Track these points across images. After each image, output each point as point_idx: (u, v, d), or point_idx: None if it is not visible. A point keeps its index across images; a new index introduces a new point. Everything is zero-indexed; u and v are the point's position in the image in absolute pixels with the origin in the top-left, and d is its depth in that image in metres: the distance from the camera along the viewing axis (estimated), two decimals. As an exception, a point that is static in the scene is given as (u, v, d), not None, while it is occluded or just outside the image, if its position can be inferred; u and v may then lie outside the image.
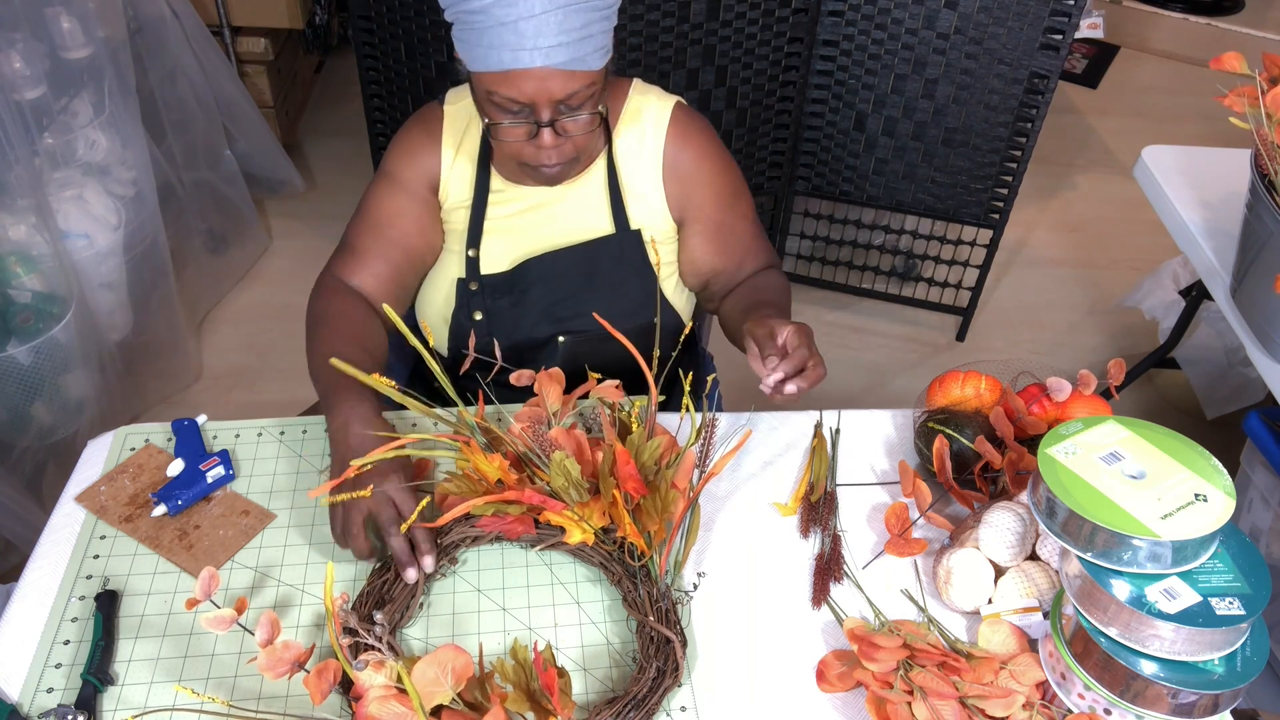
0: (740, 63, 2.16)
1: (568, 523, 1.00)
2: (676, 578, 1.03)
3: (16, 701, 0.92)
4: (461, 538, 1.05)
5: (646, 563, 1.00)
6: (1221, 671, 0.84)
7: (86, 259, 1.98)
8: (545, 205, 1.25)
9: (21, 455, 1.87)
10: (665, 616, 0.96)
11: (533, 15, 0.99)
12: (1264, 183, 1.27)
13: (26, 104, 1.81)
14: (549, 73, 1.03)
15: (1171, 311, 2.31)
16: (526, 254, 1.26)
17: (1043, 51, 2.08)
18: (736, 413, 1.27)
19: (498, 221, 1.26)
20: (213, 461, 1.12)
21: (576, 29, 1.01)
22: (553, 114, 1.07)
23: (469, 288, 1.27)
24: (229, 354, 2.46)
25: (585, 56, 1.03)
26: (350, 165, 3.06)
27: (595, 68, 1.05)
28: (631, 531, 0.98)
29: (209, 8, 2.71)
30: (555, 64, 1.02)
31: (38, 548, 1.07)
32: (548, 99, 1.05)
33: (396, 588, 1.00)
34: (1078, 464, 0.91)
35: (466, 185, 1.25)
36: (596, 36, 1.03)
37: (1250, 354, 1.43)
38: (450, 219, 1.28)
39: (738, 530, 1.11)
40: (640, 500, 0.99)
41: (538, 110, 1.06)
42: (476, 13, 1.01)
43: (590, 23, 1.02)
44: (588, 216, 1.26)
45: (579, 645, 0.99)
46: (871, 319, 2.67)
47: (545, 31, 1.00)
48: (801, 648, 1.00)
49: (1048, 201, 3.13)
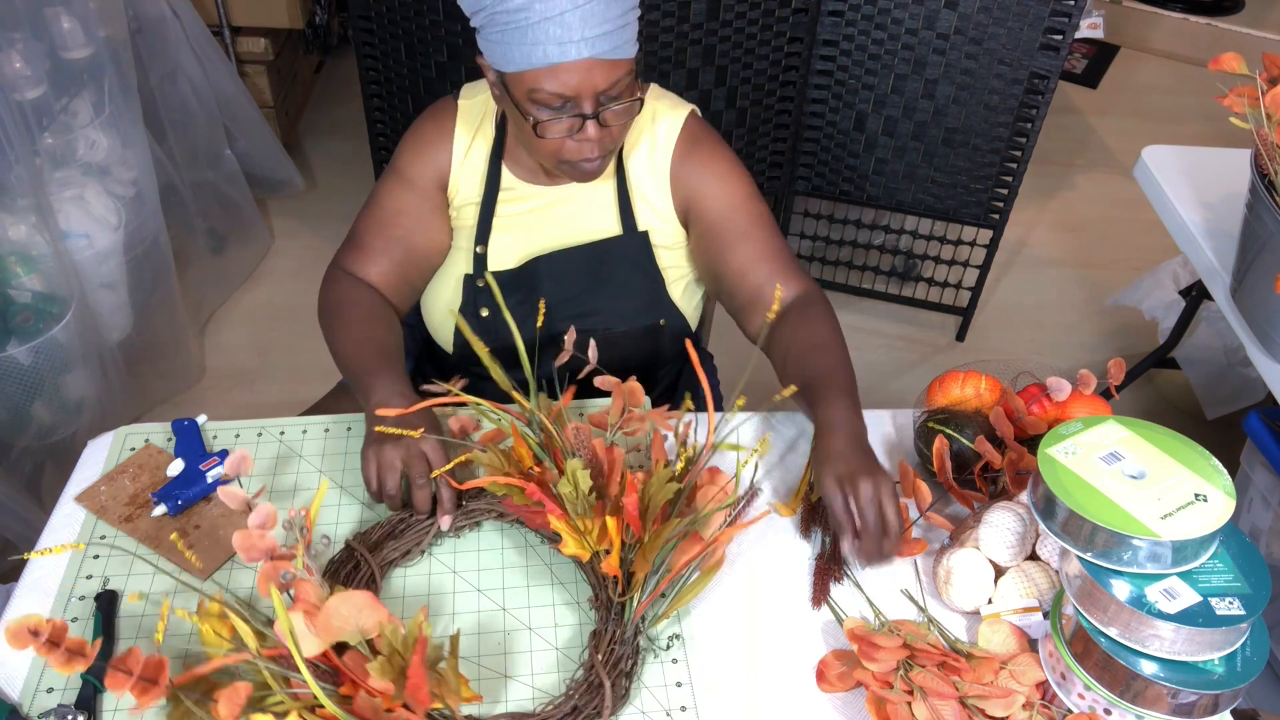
0: (740, 63, 2.16)
1: (566, 532, 0.98)
2: (649, 627, 0.99)
3: (16, 701, 0.92)
4: (487, 510, 1.08)
5: (624, 602, 0.97)
6: (1221, 671, 0.84)
7: (87, 259, 1.98)
8: (554, 205, 1.25)
9: (21, 455, 1.87)
10: (615, 662, 0.94)
11: (578, 6, 1.00)
12: (1264, 183, 1.27)
13: (27, 104, 1.81)
14: (592, 64, 1.04)
15: (1171, 311, 2.31)
16: (534, 252, 1.26)
17: (1043, 51, 2.08)
18: (736, 413, 1.27)
19: (507, 219, 1.26)
20: (212, 462, 1.12)
21: (617, 17, 1.03)
22: (595, 106, 1.07)
23: (476, 284, 1.27)
24: (230, 354, 2.46)
25: (624, 44, 1.05)
26: (350, 165, 3.06)
27: (630, 55, 1.07)
28: (609, 564, 0.96)
29: (209, 8, 2.71)
30: (599, 53, 1.03)
31: (37, 547, 1.07)
32: (592, 90, 1.06)
33: (409, 531, 1.05)
34: (1078, 464, 0.91)
35: (477, 182, 1.26)
36: (632, 24, 1.06)
37: (1250, 354, 1.43)
38: (460, 215, 1.28)
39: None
40: (643, 538, 0.97)
41: (581, 103, 1.07)
42: (518, 10, 1.01)
43: (625, 11, 1.04)
44: (596, 217, 1.26)
45: (552, 625, 1.00)
46: (871, 319, 2.67)
47: (591, 21, 1.01)
48: (801, 648, 1.00)
49: (1048, 201, 3.12)
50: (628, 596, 0.96)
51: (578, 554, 0.97)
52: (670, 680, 0.96)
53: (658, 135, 1.24)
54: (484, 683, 0.95)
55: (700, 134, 1.26)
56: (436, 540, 1.07)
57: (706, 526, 0.98)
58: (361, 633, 0.84)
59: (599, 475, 1.01)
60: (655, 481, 0.98)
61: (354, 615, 0.83)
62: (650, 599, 0.97)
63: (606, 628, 0.96)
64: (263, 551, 0.88)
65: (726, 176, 1.25)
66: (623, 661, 0.94)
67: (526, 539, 1.09)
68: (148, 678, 0.81)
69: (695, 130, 1.26)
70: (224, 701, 0.80)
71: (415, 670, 0.80)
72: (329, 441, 1.19)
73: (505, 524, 1.10)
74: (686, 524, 0.97)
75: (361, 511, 1.11)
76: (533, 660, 0.97)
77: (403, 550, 1.05)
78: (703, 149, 1.25)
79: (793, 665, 0.98)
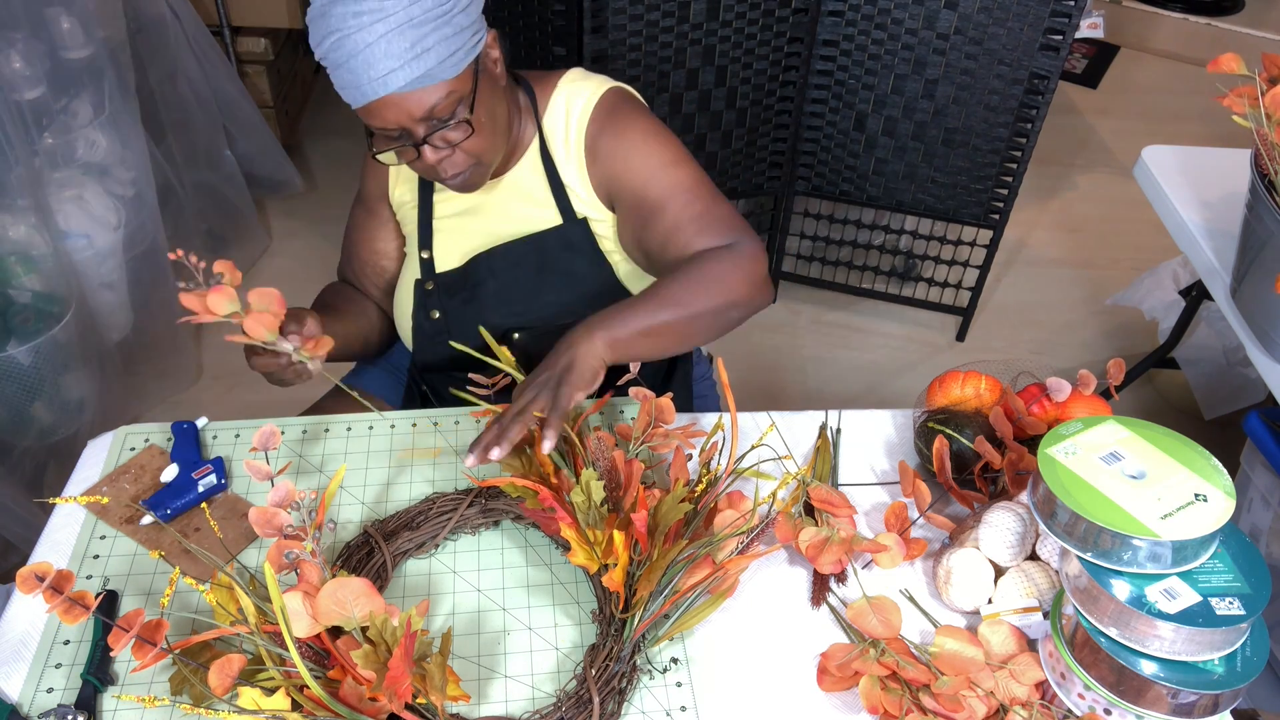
0: (740, 63, 2.16)
1: (576, 541, 0.97)
2: (649, 647, 0.97)
3: (16, 701, 0.92)
4: (506, 510, 1.09)
5: (625, 620, 0.96)
6: (1221, 671, 0.84)
7: (86, 259, 1.98)
8: (490, 202, 1.26)
9: (22, 455, 1.87)
10: (608, 679, 0.93)
11: (359, 51, 1.01)
12: (1264, 183, 1.27)
13: (26, 104, 1.81)
14: (398, 98, 1.04)
15: (1171, 311, 2.31)
16: (476, 250, 1.26)
17: (1043, 52, 2.08)
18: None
19: (446, 220, 1.27)
20: (205, 470, 1.11)
21: (405, 50, 1.01)
22: (425, 130, 1.07)
23: (425, 288, 1.27)
24: (230, 353, 2.46)
25: (430, 71, 1.03)
26: (350, 165, 3.06)
27: (447, 77, 1.05)
28: (611, 579, 0.95)
29: (209, 8, 2.71)
30: (396, 89, 1.03)
31: (38, 548, 1.07)
32: (410, 119, 1.06)
33: (427, 523, 1.07)
34: (1078, 464, 0.91)
35: (412, 187, 1.28)
36: (436, 48, 1.02)
37: (1250, 354, 1.43)
38: (404, 221, 1.31)
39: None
40: (651, 556, 0.96)
41: (409, 132, 1.07)
42: (323, 60, 1.05)
43: (421, 38, 1.01)
44: (532, 209, 1.25)
45: (551, 625, 1.00)
46: (871, 319, 2.67)
47: (374, 63, 1.01)
48: (801, 648, 1.00)
49: (1048, 201, 3.12)
50: (629, 614, 0.96)
51: (586, 564, 0.97)
52: (670, 680, 0.96)
53: (570, 119, 1.22)
54: (484, 683, 0.95)
55: (613, 108, 1.21)
56: (452, 535, 1.08)
57: (719, 551, 0.98)
58: (356, 620, 0.85)
59: (616, 487, 1.00)
60: (669, 500, 0.97)
61: (349, 601, 0.84)
62: (651, 620, 0.95)
63: (605, 643, 0.95)
64: (276, 529, 0.90)
65: (638, 148, 1.18)
66: (616, 679, 0.93)
67: (527, 539, 1.09)
68: (146, 638, 0.84)
69: (608, 106, 1.21)
70: (216, 671, 0.82)
71: (396, 663, 0.80)
72: (329, 442, 1.19)
73: (522, 526, 1.10)
74: (697, 547, 0.96)
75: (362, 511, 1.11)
76: (533, 660, 0.98)
77: (418, 542, 1.06)
78: (614, 125, 1.20)
79: (793, 665, 0.98)
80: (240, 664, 0.84)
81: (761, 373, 2.47)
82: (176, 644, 0.88)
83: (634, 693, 0.94)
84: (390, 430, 1.20)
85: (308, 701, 0.84)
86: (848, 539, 1.01)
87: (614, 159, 1.19)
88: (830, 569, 0.99)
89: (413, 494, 1.13)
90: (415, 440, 1.19)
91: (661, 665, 0.97)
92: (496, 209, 1.26)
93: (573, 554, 0.97)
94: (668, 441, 1.06)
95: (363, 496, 1.13)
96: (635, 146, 1.19)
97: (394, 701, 0.81)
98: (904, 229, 2.57)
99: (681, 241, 1.14)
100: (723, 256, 1.11)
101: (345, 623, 0.85)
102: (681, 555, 0.96)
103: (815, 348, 2.56)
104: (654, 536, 0.96)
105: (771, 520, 1.02)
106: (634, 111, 1.21)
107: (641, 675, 0.95)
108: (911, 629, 1.01)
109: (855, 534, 1.02)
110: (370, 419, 1.22)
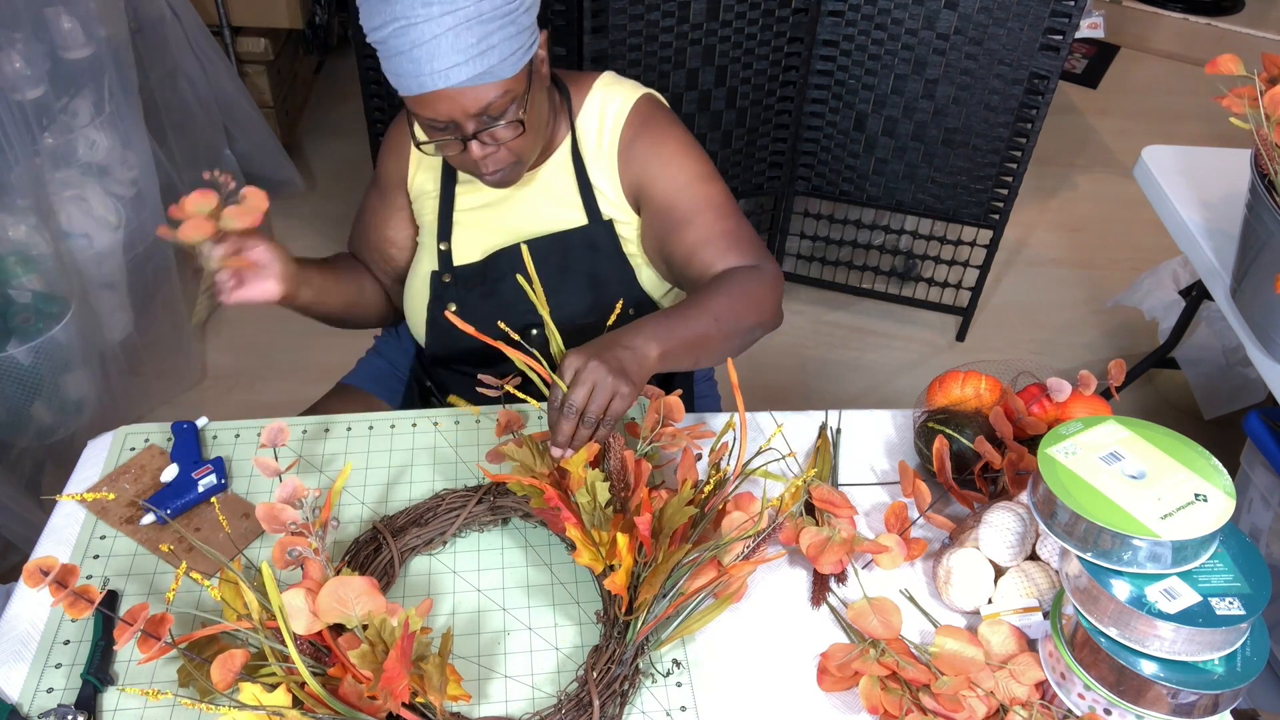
0: (740, 63, 2.16)
1: (581, 541, 0.96)
2: (652, 649, 0.97)
3: (16, 701, 0.92)
4: (514, 508, 1.09)
5: (629, 623, 0.95)
6: (1221, 671, 0.84)
7: (87, 259, 1.98)
8: (515, 197, 1.25)
9: (21, 455, 1.87)
10: (609, 682, 0.92)
11: (424, 42, 1.00)
12: (1264, 183, 1.27)
13: (27, 104, 1.81)
14: (456, 92, 1.04)
15: (1171, 311, 2.31)
16: (498, 245, 1.26)
17: (1043, 52, 2.08)
18: (734, 412, 1.27)
19: (467, 213, 1.27)
20: (205, 470, 1.11)
21: (471, 46, 1.01)
22: (476, 126, 1.08)
23: (442, 280, 1.27)
24: (230, 354, 2.46)
25: (492, 69, 1.03)
26: (350, 165, 3.06)
27: (506, 76, 1.05)
28: (613, 581, 0.94)
29: (209, 8, 2.71)
30: (457, 84, 1.03)
31: (38, 547, 1.07)
32: (464, 114, 1.06)
33: (435, 520, 1.07)
34: (1078, 464, 0.91)
35: (435, 175, 1.27)
36: (499, 46, 1.03)
37: (1250, 354, 1.43)
38: (421, 211, 1.29)
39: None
40: (656, 558, 0.95)
41: (459, 126, 1.07)
42: (380, 43, 1.04)
43: (487, 35, 1.02)
44: (558, 208, 1.25)
45: (551, 625, 1.00)
46: (871, 319, 2.67)
47: (439, 55, 1.01)
48: (802, 648, 1.00)
49: (1048, 201, 3.12)
50: (633, 617, 0.95)
51: (591, 565, 0.96)
52: (670, 680, 0.96)
53: (605, 122, 1.23)
54: (484, 682, 0.95)
55: (650, 116, 1.23)
56: (461, 532, 1.08)
57: (726, 554, 0.97)
58: (357, 618, 0.85)
59: (624, 488, 1.00)
60: (675, 503, 0.97)
61: (350, 599, 0.85)
62: (654, 624, 0.95)
63: (608, 645, 0.95)
64: (282, 524, 0.90)
65: (674, 158, 1.21)
66: (618, 682, 0.92)
67: (528, 539, 1.09)
68: (150, 632, 0.84)
69: (644, 112, 1.23)
70: (218, 666, 0.83)
71: (392, 663, 0.80)
72: (329, 441, 1.19)
73: (524, 525, 1.10)
74: (702, 550, 0.96)
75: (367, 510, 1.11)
76: (533, 661, 0.98)
77: (426, 538, 1.06)
78: (650, 132, 1.22)
79: (793, 665, 0.98)
80: (243, 659, 0.85)
81: (762, 373, 2.47)
82: (181, 638, 0.88)
83: (636, 696, 0.94)
84: (390, 430, 1.21)
85: (308, 698, 0.84)
86: (848, 539, 1.01)
87: (648, 165, 1.21)
88: (831, 569, 0.99)
89: (413, 494, 1.13)
90: (415, 440, 1.19)
91: (664, 669, 0.97)
92: (522, 205, 1.25)
93: (578, 554, 0.96)
94: (675, 441, 1.06)
95: (363, 496, 1.13)
96: (672, 155, 1.21)
97: (390, 701, 0.81)
98: (904, 229, 2.57)
99: (709, 256, 1.17)
100: (757, 277, 1.13)
101: (346, 621, 0.85)
102: (686, 559, 0.95)
103: (815, 348, 2.56)
104: (658, 540, 0.96)
105: (779, 525, 1.02)
106: (670, 121, 1.24)
107: (644, 678, 0.95)
108: (911, 629, 1.01)
109: (856, 534, 1.02)
110: (370, 419, 1.22)
